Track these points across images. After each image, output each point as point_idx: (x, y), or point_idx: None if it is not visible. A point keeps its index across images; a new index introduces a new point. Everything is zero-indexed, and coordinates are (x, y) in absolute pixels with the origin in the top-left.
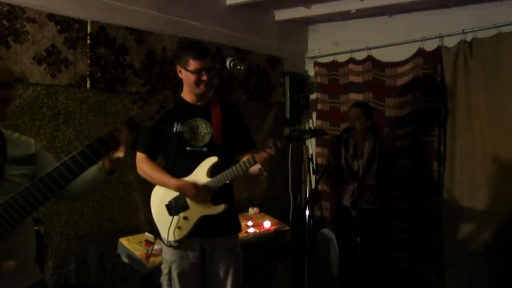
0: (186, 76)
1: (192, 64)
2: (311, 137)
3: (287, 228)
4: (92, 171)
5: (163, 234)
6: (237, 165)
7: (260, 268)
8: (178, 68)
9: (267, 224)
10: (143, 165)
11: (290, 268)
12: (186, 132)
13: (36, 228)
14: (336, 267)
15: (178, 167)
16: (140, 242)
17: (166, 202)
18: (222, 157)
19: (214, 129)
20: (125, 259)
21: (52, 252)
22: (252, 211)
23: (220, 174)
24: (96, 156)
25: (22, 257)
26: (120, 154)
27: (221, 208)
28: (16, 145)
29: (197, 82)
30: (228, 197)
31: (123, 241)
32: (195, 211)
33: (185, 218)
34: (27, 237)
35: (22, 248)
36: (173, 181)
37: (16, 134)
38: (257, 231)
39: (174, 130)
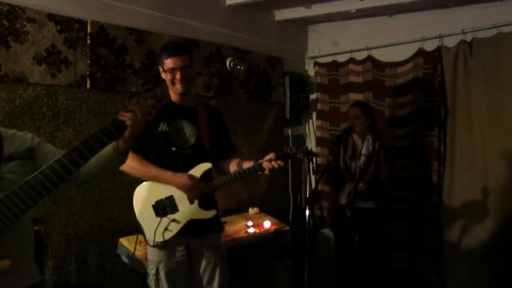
0: (165, 75)
1: (166, 63)
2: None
3: (287, 228)
4: (106, 152)
5: (149, 234)
6: (241, 171)
7: (260, 268)
8: (160, 69)
9: (267, 224)
10: (129, 159)
11: (290, 268)
12: (172, 133)
13: (36, 228)
14: (336, 267)
15: (163, 166)
16: (140, 242)
17: (153, 203)
18: (209, 162)
19: (203, 134)
20: (125, 259)
21: (52, 252)
22: (252, 211)
23: (223, 178)
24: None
25: (18, 257)
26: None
27: (211, 213)
28: (11, 142)
29: (172, 81)
30: (214, 198)
31: (123, 241)
32: (185, 214)
33: (174, 220)
34: (24, 237)
35: (19, 248)
36: (168, 174)
37: (13, 131)
38: (257, 231)
39: (160, 129)
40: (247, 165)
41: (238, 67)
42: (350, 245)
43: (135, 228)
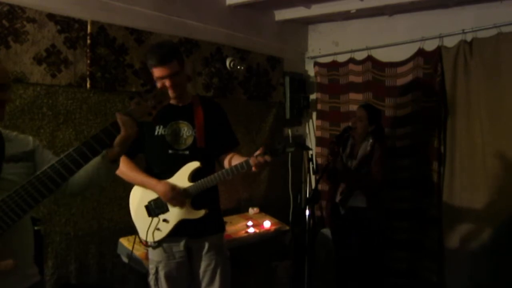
0: (156, 80)
1: (155, 72)
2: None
3: (287, 228)
4: (94, 161)
5: (142, 234)
6: (230, 169)
7: (260, 268)
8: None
9: (267, 224)
10: (121, 164)
11: (290, 268)
12: (168, 135)
13: (36, 228)
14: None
15: (161, 170)
16: (140, 242)
17: (146, 203)
18: (204, 161)
19: (197, 132)
20: (125, 259)
21: (52, 252)
22: (252, 211)
23: (208, 177)
24: (93, 152)
25: (19, 257)
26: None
27: (201, 213)
28: (13, 143)
29: (166, 87)
30: (211, 198)
31: (123, 241)
32: (175, 214)
33: (164, 220)
34: (25, 237)
35: (19, 248)
36: (152, 182)
37: (15, 133)
38: (257, 231)
39: (156, 133)
40: (238, 161)
41: (238, 67)
42: (346, 243)
43: (134, 228)
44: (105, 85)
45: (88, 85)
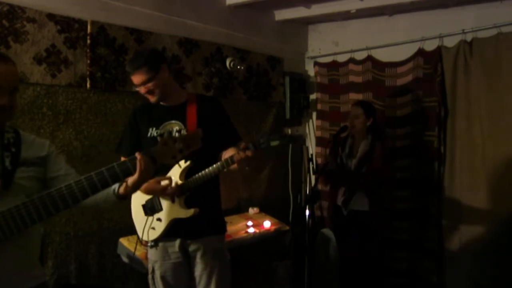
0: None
1: (132, 80)
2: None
3: (287, 228)
4: (104, 192)
5: (139, 233)
6: (215, 166)
7: (260, 268)
8: None
9: (267, 224)
10: None
11: (290, 268)
12: (160, 137)
13: None
14: (336, 267)
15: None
16: (140, 242)
17: (143, 202)
18: (198, 160)
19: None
20: (125, 259)
21: (52, 252)
22: (252, 211)
23: (195, 176)
24: (113, 180)
25: (25, 257)
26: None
27: (190, 212)
28: (29, 147)
29: (144, 94)
30: (207, 197)
31: (123, 241)
32: (167, 213)
33: (158, 219)
34: (31, 238)
35: (26, 249)
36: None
37: (33, 137)
38: (257, 231)
39: (149, 135)
40: (228, 156)
41: (238, 67)
42: (347, 242)
43: (135, 228)
44: (105, 85)
45: (88, 85)
